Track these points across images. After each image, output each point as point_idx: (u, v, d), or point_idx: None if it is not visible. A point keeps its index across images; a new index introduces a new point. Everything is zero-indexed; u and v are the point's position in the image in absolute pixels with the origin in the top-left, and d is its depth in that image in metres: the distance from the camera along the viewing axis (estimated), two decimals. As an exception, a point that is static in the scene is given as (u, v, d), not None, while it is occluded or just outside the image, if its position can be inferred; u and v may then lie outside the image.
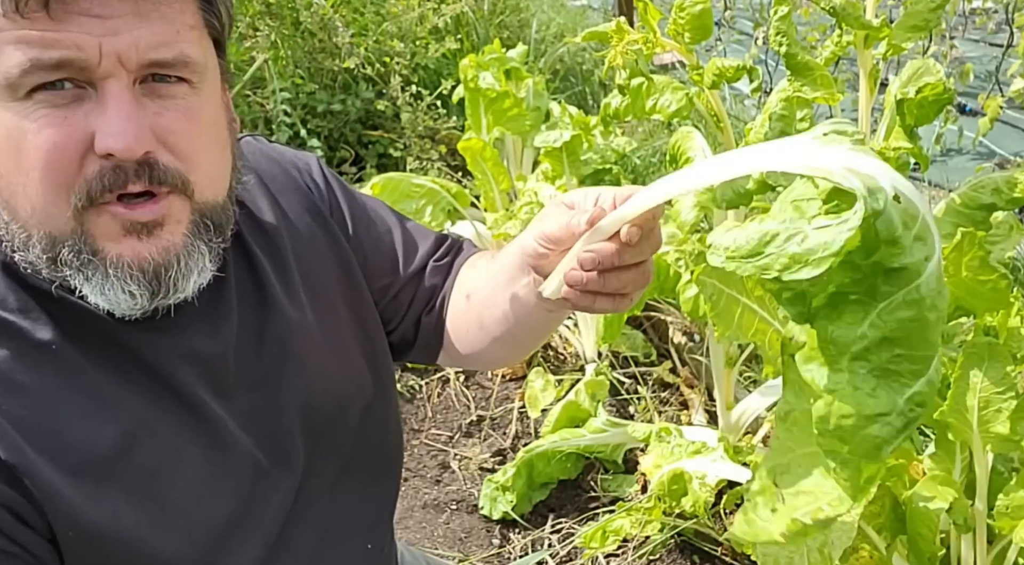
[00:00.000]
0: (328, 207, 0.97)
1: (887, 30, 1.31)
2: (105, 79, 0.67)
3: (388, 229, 1.03)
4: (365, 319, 0.97)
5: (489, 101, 2.70)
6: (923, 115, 1.27)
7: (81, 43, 0.65)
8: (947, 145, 4.12)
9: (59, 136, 0.66)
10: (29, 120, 0.66)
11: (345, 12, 3.79)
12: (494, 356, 1.02)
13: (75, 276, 0.70)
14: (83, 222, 0.68)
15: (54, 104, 0.66)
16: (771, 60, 5.29)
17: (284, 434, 0.85)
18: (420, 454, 2.39)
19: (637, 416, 2.39)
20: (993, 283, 1.14)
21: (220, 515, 0.78)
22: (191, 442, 0.77)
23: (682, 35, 1.63)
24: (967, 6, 5.78)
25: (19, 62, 0.64)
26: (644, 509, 1.89)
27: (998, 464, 1.34)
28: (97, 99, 0.67)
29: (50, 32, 0.64)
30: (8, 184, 0.69)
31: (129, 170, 0.68)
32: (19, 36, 0.64)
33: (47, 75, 0.65)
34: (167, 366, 0.77)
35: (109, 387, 0.74)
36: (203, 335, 0.80)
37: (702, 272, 1.23)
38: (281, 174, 0.95)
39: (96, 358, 0.74)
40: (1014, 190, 1.29)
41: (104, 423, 0.72)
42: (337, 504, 0.91)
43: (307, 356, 0.88)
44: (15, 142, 0.66)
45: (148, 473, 0.74)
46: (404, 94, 3.51)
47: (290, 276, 0.89)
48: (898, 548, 1.36)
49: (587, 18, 6.00)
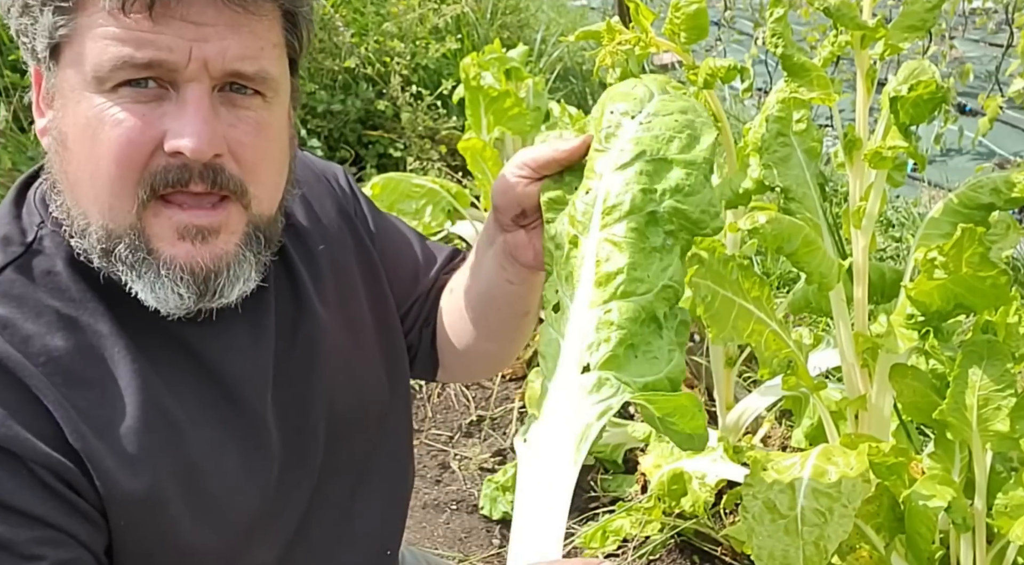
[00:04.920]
0: (354, 213, 1.00)
1: (883, 30, 1.31)
2: (188, 82, 0.70)
3: (409, 242, 1.06)
4: (388, 325, 0.99)
5: (490, 101, 2.70)
6: (918, 114, 1.27)
7: (173, 46, 0.68)
8: (947, 145, 4.13)
9: (134, 131, 0.69)
10: (110, 112, 0.69)
11: (345, 12, 3.79)
12: (482, 352, 1.04)
13: (127, 272, 0.72)
14: (142, 219, 0.71)
15: (136, 100, 0.69)
16: (771, 60, 5.29)
17: (309, 433, 0.86)
18: (420, 454, 2.39)
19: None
20: (993, 279, 1.14)
21: (250, 510, 0.80)
22: (231, 437, 0.79)
23: (678, 35, 1.63)
24: (967, 6, 5.79)
25: (112, 58, 0.68)
26: (644, 509, 1.89)
27: (997, 463, 1.34)
28: (177, 101, 0.70)
29: (146, 33, 0.68)
30: (77, 169, 0.72)
31: (195, 170, 0.71)
32: (117, 34, 0.68)
33: (136, 72, 0.69)
34: (215, 361, 0.79)
35: (160, 379, 0.75)
36: (245, 333, 0.82)
37: (695, 274, 1.23)
38: (313, 179, 0.97)
39: (150, 350, 0.76)
40: (1012, 190, 1.29)
41: (156, 415, 0.74)
42: (355, 507, 0.92)
43: (333, 358, 0.89)
44: (92, 130, 0.69)
45: (191, 465, 0.76)
46: (404, 94, 3.51)
47: (322, 278, 0.91)
48: (897, 547, 1.36)
49: (587, 18, 6.01)
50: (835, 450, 1.25)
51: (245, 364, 0.81)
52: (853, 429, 1.52)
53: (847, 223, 1.44)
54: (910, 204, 3.37)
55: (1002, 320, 1.23)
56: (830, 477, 1.17)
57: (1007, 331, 1.23)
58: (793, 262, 1.31)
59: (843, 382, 1.57)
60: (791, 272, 2.86)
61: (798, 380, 1.34)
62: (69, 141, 0.71)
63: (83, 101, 0.70)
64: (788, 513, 1.13)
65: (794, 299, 1.63)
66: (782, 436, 2.17)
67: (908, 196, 3.50)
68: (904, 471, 1.28)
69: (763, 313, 1.35)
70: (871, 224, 1.41)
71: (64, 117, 0.72)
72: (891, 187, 1.50)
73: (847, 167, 1.44)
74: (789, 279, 2.88)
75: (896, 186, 1.45)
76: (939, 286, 1.19)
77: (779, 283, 2.89)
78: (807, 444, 1.81)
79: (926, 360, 1.48)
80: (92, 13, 0.68)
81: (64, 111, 0.71)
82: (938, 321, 1.25)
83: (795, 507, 1.13)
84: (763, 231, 1.26)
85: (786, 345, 1.38)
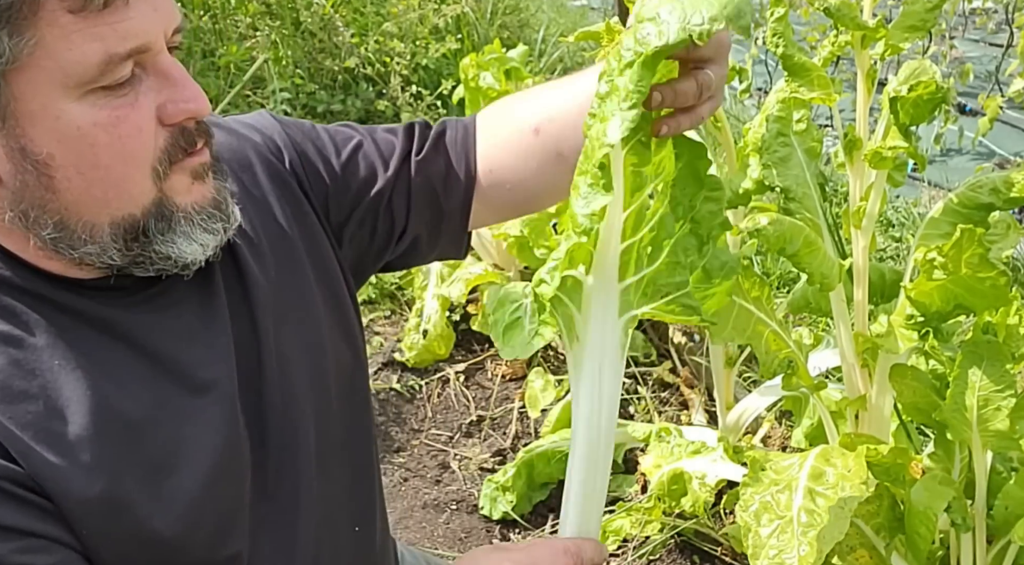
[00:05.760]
0: (291, 166, 0.95)
1: (884, 30, 1.31)
2: (158, 53, 0.69)
3: (359, 144, 0.99)
4: (335, 290, 0.96)
5: (489, 101, 2.70)
6: (918, 114, 1.27)
7: (148, 27, 0.67)
8: (947, 145, 4.13)
9: (140, 119, 0.69)
10: (101, 114, 0.67)
11: (345, 12, 3.79)
12: (554, 184, 0.98)
13: (158, 240, 0.73)
14: (162, 189, 0.73)
15: (116, 94, 0.67)
16: (771, 60, 5.29)
17: (272, 411, 0.85)
18: (420, 454, 2.39)
19: (637, 416, 2.39)
20: (992, 280, 1.14)
21: (225, 497, 0.79)
22: (195, 430, 0.78)
23: (679, 35, 1.63)
24: (967, 6, 5.78)
25: (99, 59, 0.65)
26: (644, 509, 1.89)
27: (997, 463, 1.34)
28: (152, 74, 0.69)
29: (121, 23, 0.65)
30: (75, 184, 0.69)
31: (191, 129, 0.73)
32: (94, 32, 0.64)
33: (120, 67, 0.66)
34: (169, 353, 0.78)
35: (111, 382, 0.74)
36: (197, 319, 0.81)
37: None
38: (238, 147, 0.93)
39: (95, 354, 0.74)
40: (1012, 190, 1.29)
41: (108, 420, 0.73)
42: (321, 483, 0.90)
43: (286, 332, 0.88)
44: (89, 139, 0.67)
45: (155, 465, 0.75)
46: (404, 94, 3.51)
47: (261, 251, 0.88)
48: (897, 547, 1.37)
49: (587, 18, 6.01)
50: (833, 451, 1.25)
51: (200, 351, 0.80)
52: (853, 429, 1.52)
53: (847, 223, 1.44)
54: (910, 204, 3.37)
55: (1002, 321, 1.23)
56: (828, 478, 1.17)
57: (1007, 332, 1.23)
58: (794, 263, 1.32)
59: (843, 382, 1.58)
60: (791, 272, 2.86)
61: (798, 380, 1.34)
62: (56, 160, 0.67)
63: (63, 115, 0.66)
64: (785, 513, 1.14)
65: (794, 299, 1.63)
66: (782, 436, 2.17)
67: (908, 196, 3.50)
68: (904, 471, 1.28)
69: (763, 313, 1.35)
70: (871, 224, 1.41)
71: (38, 138, 0.66)
72: (891, 187, 1.51)
73: (847, 167, 1.44)
74: (789, 279, 2.88)
75: (896, 186, 1.46)
76: (939, 287, 1.19)
77: (779, 283, 2.89)
78: (807, 444, 1.81)
79: (926, 360, 1.48)
80: (54, 22, 0.63)
81: (35, 131, 0.66)
82: (938, 322, 1.26)
83: (792, 508, 1.14)
84: (765, 232, 1.26)
85: (786, 345, 1.38)
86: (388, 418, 2.50)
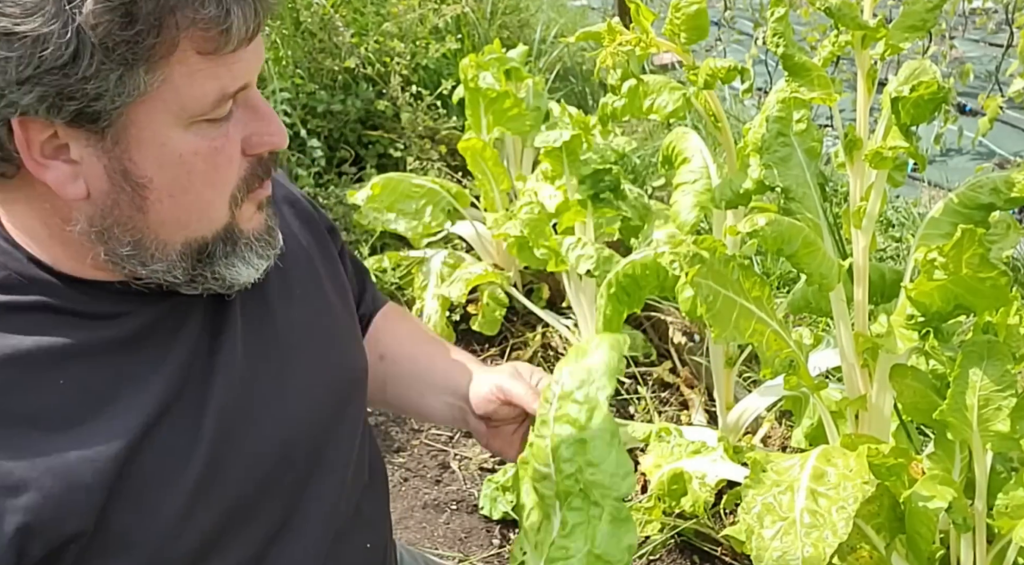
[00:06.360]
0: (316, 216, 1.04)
1: (884, 30, 1.31)
2: (249, 90, 0.75)
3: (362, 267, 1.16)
4: (352, 312, 1.04)
5: (489, 101, 2.70)
6: (919, 114, 1.27)
7: (251, 67, 0.73)
8: (947, 145, 4.12)
9: (232, 150, 0.75)
10: (202, 144, 0.72)
11: (345, 12, 3.79)
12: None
13: (220, 263, 0.79)
14: (234, 215, 0.78)
15: (216, 126, 0.73)
16: (771, 60, 5.28)
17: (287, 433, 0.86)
18: (420, 454, 2.39)
19: (637, 416, 2.39)
20: (993, 280, 1.14)
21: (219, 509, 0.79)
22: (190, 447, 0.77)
23: (678, 35, 1.63)
24: (967, 6, 5.78)
25: (215, 95, 0.70)
26: (644, 509, 1.89)
27: (997, 463, 1.34)
28: (242, 108, 0.75)
29: (235, 64, 0.71)
30: (166, 206, 0.73)
31: (267, 161, 0.79)
32: (214, 71, 0.69)
33: (228, 103, 0.72)
34: (173, 373, 0.78)
35: (108, 402, 0.74)
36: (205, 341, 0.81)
37: (696, 274, 1.23)
38: None
39: (94, 375, 0.74)
40: (1012, 190, 1.29)
41: (108, 439, 0.72)
42: (343, 500, 0.92)
43: (307, 353, 0.90)
44: (187, 166, 0.72)
45: (146, 485, 0.74)
46: (404, 94, 3.51)
47: (286, 278, 0.91)
48: (897, 548, 1.36)
49: (587, 18, 6.01)
50: (834, 451, 1.25)
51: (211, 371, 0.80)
52: (853, 429, 1.52)
53: (847, 223, 1.44)
54: (910, 204, 3.37)
55: (1002, 321, 1.23)
56: (829, 479, 1.17)
57: (1007, 332, 1.23)
58: (793, 263, 1.32)
59: (843, 382, 1.58)
60: (791, 272, 2.86)
61: (799, 380, 1.34)
62: (154, 183, 0.72)
63: (168, 142, 0.70)
64: (787, 514, 1.14)
65: (794, 299, 1.63)
66: (782, 436, 2.17)
67: (908, 196, 3.49)
68: (904, 471, 1.28)
69: (764, 313, 1.35)
70: (871, 224, 1.41)
71: (142, 162, 0.70)
72: (891, 187, 1.51)
73: (847, 167, 1.44)
74: (789, 279, 2.88)
75: (896, 186, 1.45)
76: (939, 287, 1.19)
77: (779, 283, 2.89)
78: (807, 444, 1.81)
79: (926, 360, 1.48)
80: (184, 61, 0.68)
81: (140, 156, 0.70)
82: (938, 322, 1.26)
83: (794, 509, 1.14)
84: (763, 233, 1.26)
85: (787, 345, 1.38)
86: (388, 418, 2.50)
